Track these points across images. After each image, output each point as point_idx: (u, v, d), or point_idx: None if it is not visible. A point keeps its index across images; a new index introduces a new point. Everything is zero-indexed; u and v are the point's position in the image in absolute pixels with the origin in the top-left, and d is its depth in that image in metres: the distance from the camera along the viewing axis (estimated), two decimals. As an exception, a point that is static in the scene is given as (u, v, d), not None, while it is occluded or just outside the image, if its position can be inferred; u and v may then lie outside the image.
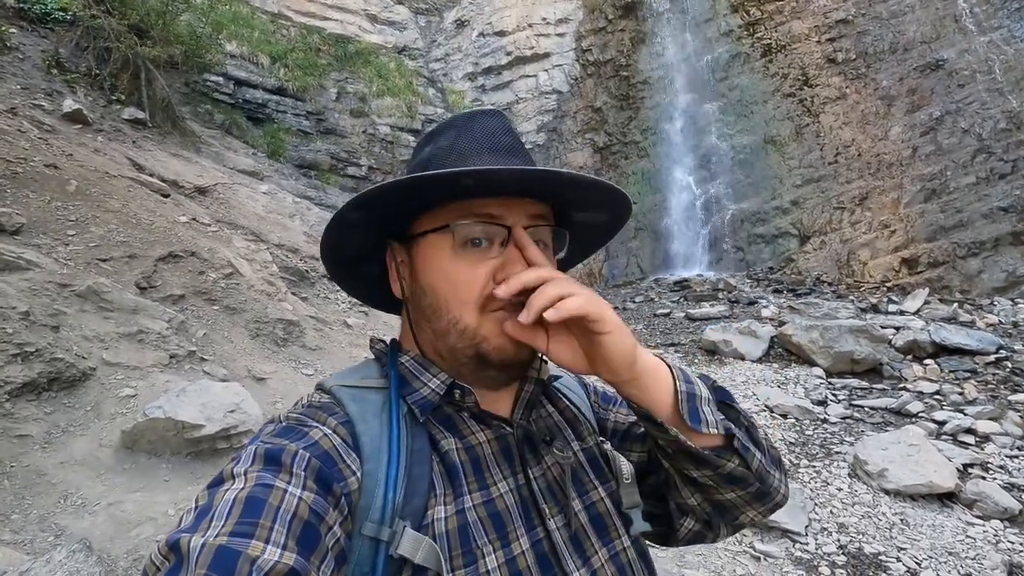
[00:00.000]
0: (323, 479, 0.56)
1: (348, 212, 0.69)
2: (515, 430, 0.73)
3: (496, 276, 0.67)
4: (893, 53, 13.40)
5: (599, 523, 0.72)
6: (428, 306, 0.70)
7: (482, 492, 0.66)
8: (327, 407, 0.66)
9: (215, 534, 0.47)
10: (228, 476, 0.55)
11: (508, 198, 0.68)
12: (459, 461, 0.66)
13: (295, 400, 3.28)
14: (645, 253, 15.21)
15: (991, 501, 3.84)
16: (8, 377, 3.05)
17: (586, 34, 16.78)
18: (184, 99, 10.52)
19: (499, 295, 0.64)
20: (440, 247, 0.69)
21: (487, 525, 0.64)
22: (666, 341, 8.65)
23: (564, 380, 0.90)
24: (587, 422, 0.84)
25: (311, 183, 12.22)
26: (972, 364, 6.59)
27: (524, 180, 0.66)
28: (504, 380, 0.72)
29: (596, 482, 0.76)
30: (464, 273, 0.67)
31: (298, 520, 0.50)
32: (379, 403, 0.68)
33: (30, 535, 2.47)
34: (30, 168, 4.90)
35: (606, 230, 0.83)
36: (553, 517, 0.68)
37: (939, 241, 11.64)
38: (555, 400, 0.84)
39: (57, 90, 7.16)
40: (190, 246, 5.13)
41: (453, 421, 0.70)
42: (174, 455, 3.18)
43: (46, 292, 3.66)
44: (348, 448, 0.61)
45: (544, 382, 0.80)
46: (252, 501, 0.50)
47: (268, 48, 13.55)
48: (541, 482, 0.70)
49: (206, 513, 0.50)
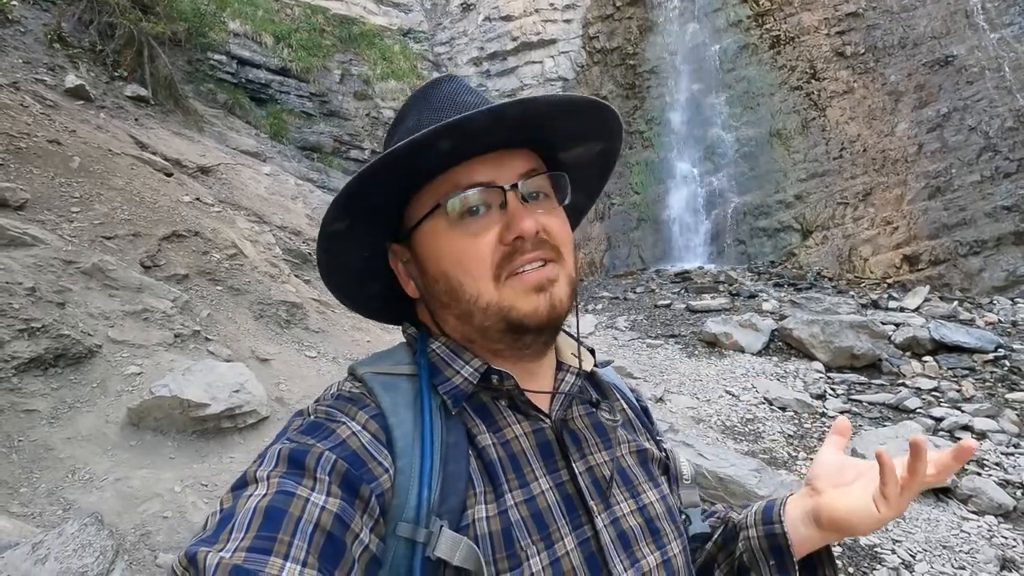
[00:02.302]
0: (350, 482, 0.53)
1: (331, 224, 0.67)
2: (554, 423, 0.69)
3: (503, 238, 0.64)
4: (902, 48, 13.29)
5: (652, 526, 0.69)
6: (444, 293, 0.67)
7: (523, 490, 0.62)
8: (358, 399, 0.63)
9: (233, 549, 0.45)
10: (251, 479, 0.53)
11: (492, 156, 0.65)
12: (497, 457, 0.63)
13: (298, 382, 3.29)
14: (647, 244, 15.18)
15: (986, 497, 3.88)
16: (15, 352, 3.06)
17: (593, 21, 16.60)
18: (187, 77, 10.42)
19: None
20: (437, 230, 0.66)
21: (530, 525, 0.60)
22: (667, 332, 8.68)
23: (610, 374, 0.86)
24: (639, 424, 0.81)
25: (313, 165, 12.15)
26: (970, 362, 6.63)
27: (497, 122, 0.60)
28: (542, 345, 0.69)
29: (648, 484, 0.73)
30: (468, 247, 0.64)
31: (320, 531, 0.48)
32: (412, 392, 0.65)
33: (39, 508, 2.49)
34: (33, 144, 4.86)
35: (605, 160, 0.78)
36: (601, 515, 0.65)
37: (941, 239, 11.64)
38: (607, 393, 0.80)
39: (59, 65, 7.09)
40: (194, 226, 5.12)
41: (489, 411, 0.67)
42: (179, 433, 3.20)
43: (51, 269, 3.65)
44: (379, 445, 0.58)
45: (587, 373, 0.77)
46: (272, 511, 0.48)
47: (272, 27, 13.39)
48: (587, 478, 0.67)
49: (227, 521, 0.48)
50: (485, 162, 0.65)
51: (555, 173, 0.70)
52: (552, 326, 0.67)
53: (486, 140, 0.64)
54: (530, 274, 0.64)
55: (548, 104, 0.63)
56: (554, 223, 0.67)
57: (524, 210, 0.64)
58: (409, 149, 0.60)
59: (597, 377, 0.80)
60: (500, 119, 0.60)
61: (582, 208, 0.85)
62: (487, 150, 0.65)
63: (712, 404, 5.90)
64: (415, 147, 0.60)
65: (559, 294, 0.66)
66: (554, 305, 0.65)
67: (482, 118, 0.59)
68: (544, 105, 0.62)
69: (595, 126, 0.71)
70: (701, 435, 5.01)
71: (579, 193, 0.81)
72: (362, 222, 0.69)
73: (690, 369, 7.01)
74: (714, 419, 5.50)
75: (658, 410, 5.56)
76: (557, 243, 0.67)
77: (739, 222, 14.32)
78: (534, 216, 0.64)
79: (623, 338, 8.70)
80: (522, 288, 0.64)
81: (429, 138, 0.59)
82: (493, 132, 0.63)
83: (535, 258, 0.64)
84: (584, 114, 0.68)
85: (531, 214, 0.64)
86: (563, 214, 0.71)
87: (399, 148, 0.59)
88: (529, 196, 0.67)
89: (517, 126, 0.63)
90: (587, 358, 0.78)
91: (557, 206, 0.70)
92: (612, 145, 0.76)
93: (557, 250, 0.67)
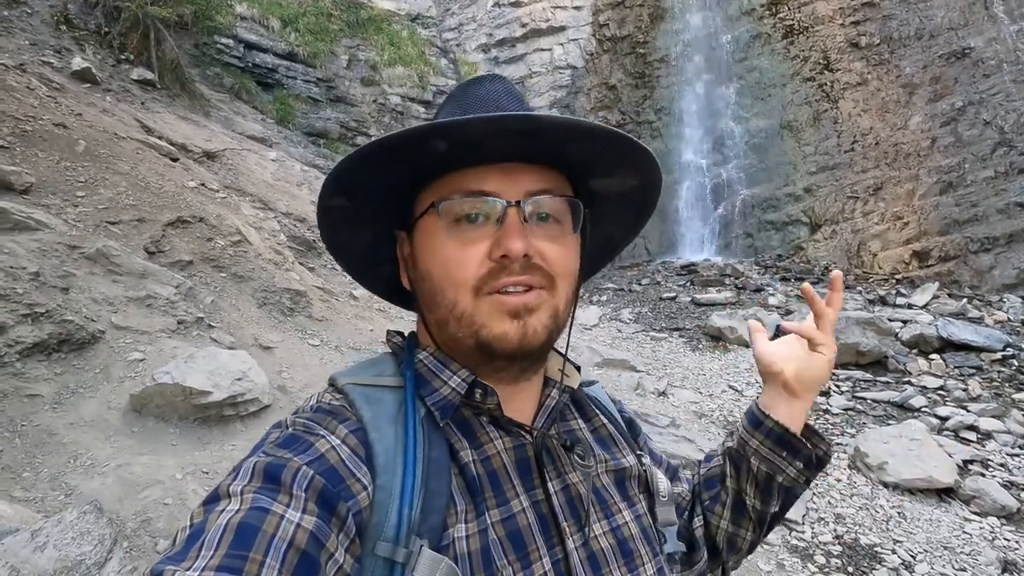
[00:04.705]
0: (326, 499, 0.52)
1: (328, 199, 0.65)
2: (535, 439, 0.67)
3: (492, 254, 0.61)
4: (919, 39, 13.04)
5: (624, 548, 0.68)
6: (427, 293, 0.66)
7: (501, 508, 0.61)
8: (338, 411, 0.61)
9: (201, 567, 0.43)
10: (224, 494, 0.51)
11: (507, 167, 0.63)
12: (477, 473, 0.62)
13: (301, 370, 3.27)
14: (653, 235, 15.10)
15: (989, 498, 3.86)
16: (19, 337, 3.07)
17: (603, 8, 16.38)
18: (193, 61, 10.38)
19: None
20: (433, 229, 0.64)
21: (507, 545, 0.60)
22: (671, 325, 8.65)
23: (596, 390, 0.85)
24: (621, 439, 0.80)
25: (320, 152, 12.11)
26: (978, 361, 6.58)
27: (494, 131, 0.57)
28: (516, 373, 0.67)
29: (623, 504, 0.72)
30: (458, 253, 0.62)
31: (294, 550, 0.46)
32: (395, 405, 0.63)
33: (41, 493, 2.51)
34: (39, 127, 4.85)
35: (643, 197, 0.74)
36: (572, 536, 0.64)
37: (952, 235, 11.51)
38: (588, 412, 0.79)
39: (66, 47, 7.07)
40: (198, 212, 5.11)
41: (470, 426, 0.65)
42: (181, 420, 3.21)
43: (55, 253, 3.65)
44: (358, 461, 0.56)
45: (573, 390, 0.76)
46: (245, 528, 0.46)
47: (279, 11, 13.30)
48: (561, 497, 0.65)
49: (197, 537, 0.46)
50: (498, 172, 0.62)
51: (571, 199, 0.66)
52: (524, 355, 0.63)
53: (498, 148, 0.61)
54: (509, 297, 0.61)
55: (555, 125, 0.58)
56: (553, 251, 0.64)
57: (519, 230, 0.61)
58: (400, 143, 0.58)
59: (579, 394, 0.79)
60: (498, 130, 0.58)
61: (618, 242, 0.82)
62: (502, 159, 0.62)
63: (715, 399, 5.89)
64: (407, 141, 0.58)
65: (535, 324, 0.62)
66: (526, 334, 0.62)
67: (479, 125, 0.57)
68: (549, 125, 0.58)
69: (616, 158, 0.66)
70: (703, 430, 4.99)
71: (615, 227, 0.78)
72: (365, 203, 0.67)
73: (694, 363, 6.99)
74: (716, 414, 5.49)
75: (660, 404, 5.54)
76: (552, 272, 0.63)
77: (747, 215, 14.21)
78: (526, 238, 0.61)
79: (627, 330, 8.68)
80: (497, 309, 0.61)
81: (419, 136, 0.57)
82: (498, 142, 0.59)
83: (520, 282, 0.61)
84: (602, 143, 0.63)
85: (524, 235, 0.61)
86: (572, 243, 0.67)
87: (389, 139, 0.58)
88: (537, 217, 0.64)
89: (530, 140, 0.60)
90: (572, 374, 0.76)
91: (568, 234, 0.66)
92: (647, 181, 0.71)
93: (551, 279, 0.63)
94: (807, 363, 0.80)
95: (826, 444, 0.85)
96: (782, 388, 0.81)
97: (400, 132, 0.57)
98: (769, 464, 0.81)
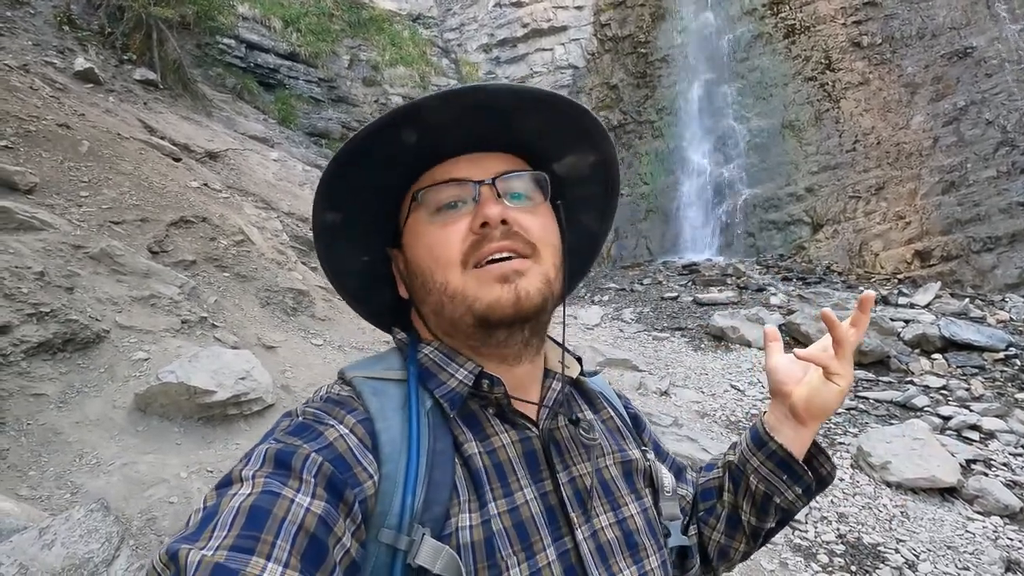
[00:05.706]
0: (335, 485, 0.53)
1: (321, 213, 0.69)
2: (541, 432, 0.69)
3: (472, 226, 0.64)
4: (920, 39, 13.03)
5: (630, 540, 0.69)
6: (420, 286, 0.68)
7: (507, 499, 0.62)
8: (346, 402, 0.63)
9: (215, 547, 0.44)
10: (236, 478, 0.52)
11: (473, 157, 0.67)
12: (482, 465, 0.63)
13: (304, 370, 3.29)
14: (655, 235, 15.10)
15: (992, 498, 3.86)
16: (24, 336, 3.08)
17: (605, 7, 16.39)
18: (195, 61, 10.40)
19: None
20: (417, 224, 0.68)
21: (512, 535, 0.60)
22: (673, 325, 8.65)
23: (598, 382, 0.86)
24: (627, 432, 0.81)
25: (321, 152, 12.13)
26: (980, 360, 6.57)
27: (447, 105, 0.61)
28: (519, 348, 0.68)
29: (630, 497, 0.73)
30: (440, 236, 0.65)
31: (304, 533, 0.48)
32: (400, 398, 0.65)
33: (47, 491, 2.52)
34: (42, 127, 4.87)
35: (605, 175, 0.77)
36: (581, 527, 0.65)
37: (954, 234, 11.50)
38: (596, 405, 0.80)
39: (68, 48, 7.08)
40: (201, 212, 5.12)
41: (477, 419, 0.67)
42: (186, 419, 3.22)
43: (60, 253, 3.67)
44: (365, 449, 0.58)
45: (575, 380, 0.77)
46: (256, 511, 0.48)
47: (281, 11, 13.32)
48: (569, 489, 0.67)
49: (210, 519, 0.47)
50: (465, 161, 0.67)
51: (534, 172, 0.70)
52: (521, 319, 0.65)
53: (457, 135, 0.65)
54: (495, 265, 0.63)
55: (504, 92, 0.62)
56: (532, 220, 0.67)
57: (494, 200, 0.65)
58: (365, 134, 0.62)
59: (584, 385, 0.80)
60: (450, 102, 0.61)
61: (596, 232, 0.84)
62: (466, 150, 0.67)
63: (717, 398, 5.89)
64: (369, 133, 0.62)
65: (526, 286, 0.63)
66: (519, 296, 0.63)
67: (434, 102, 0.60)
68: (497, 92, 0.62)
69: (568, 126, 0.70)
70: (706, 429, 5.00)
71: (589, 214, 0.80)
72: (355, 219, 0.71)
73: (696, 363, 6.99)
74: (719, 414, 5.49)
75: (663, 404, 5.55)
76: (533, 239, 0.66)
77: (749, 214, 14.20)
78: (501, 204, 0.64)
79: (629, 330, 8.68)
80: (486, 278, 0.63)
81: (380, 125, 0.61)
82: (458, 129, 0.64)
83: (502, 248, 0.64)
84: (553, 111, 0.67)
85: (499, 203, 0.65)
86: (548, 214, 0.70)
87: (358, 134, 0.62)
88: (511, 196, 0.67)
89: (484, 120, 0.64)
90: (572, 364, 0.77)
91: (541, 204, 0.70)
92: (603, 154, 0.74)
93: (533, 247, 0.66)
94: (819, 390, 0.76)
95: (831, 464, 0.83)
96: (789, 411, 0.78)
97: (362, 128, 0.62)
98: (768, 485, 0.79)
